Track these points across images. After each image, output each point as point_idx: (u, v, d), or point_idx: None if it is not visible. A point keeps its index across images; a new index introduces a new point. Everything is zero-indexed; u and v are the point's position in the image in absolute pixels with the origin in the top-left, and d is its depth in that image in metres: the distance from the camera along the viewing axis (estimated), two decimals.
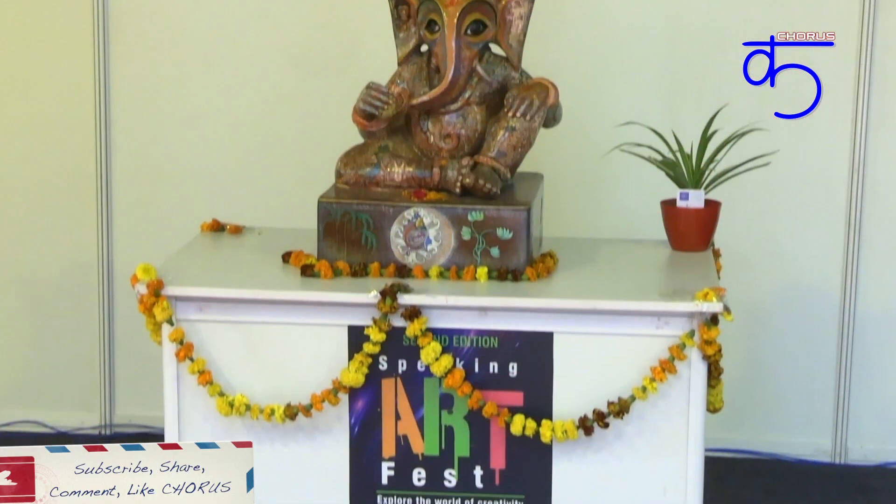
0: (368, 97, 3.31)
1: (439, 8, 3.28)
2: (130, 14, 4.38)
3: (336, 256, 3.27)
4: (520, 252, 3.24)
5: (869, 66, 4.20)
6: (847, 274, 4.29)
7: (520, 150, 3.33)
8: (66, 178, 4.47)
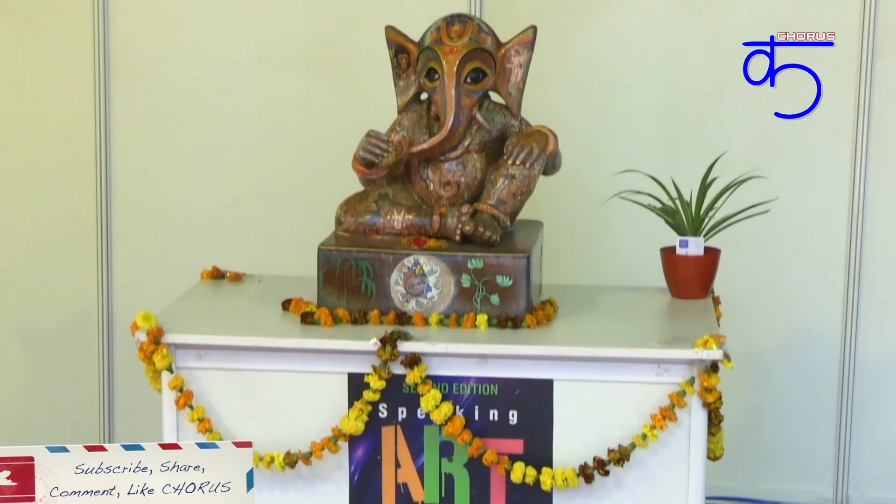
0: (368, 145, 3.32)
1: (439, 56, 3.29)
2: (131, 60, 4.40)
3: (336, 304, 3.27)
4: (519, 299, 3.24)
5: (868, 111, 4.20)
6: (847, 321, 4.29)
7: (519, 197, 3.34)
8: (67, 225, 4.47)
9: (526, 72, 3.39)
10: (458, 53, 3.29)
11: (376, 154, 3.31)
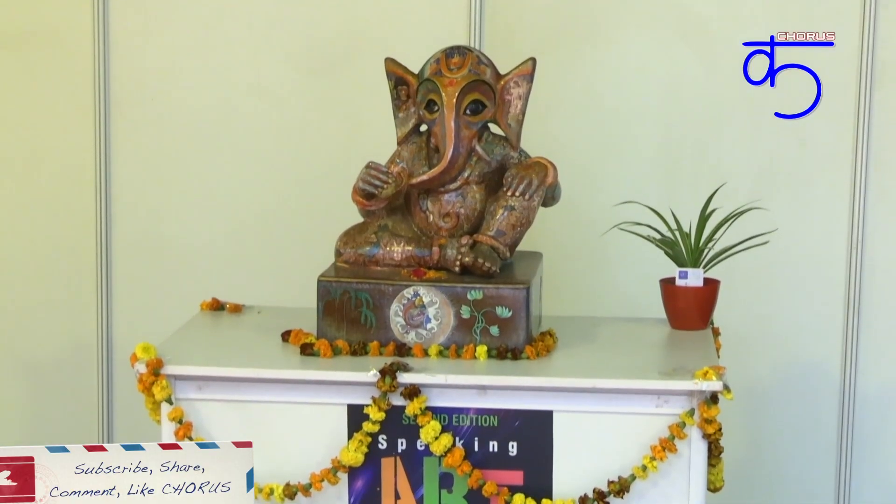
0: (368, 176, 3.32)
1: (438, 88, 3.30)
2: (131, 95, 4.41)
3: (335, 335, 3.27)
4: (519, 330, 3.24)
5: (866, 144, 4.21)
6: (847, 352, 4.29)
7: (519, 228, 3.35)
8: (67, 257, 4.48)
9: (525, 103, 3.40)
10: (458, 85, 3.30)
11: (376, 185, 3.32)
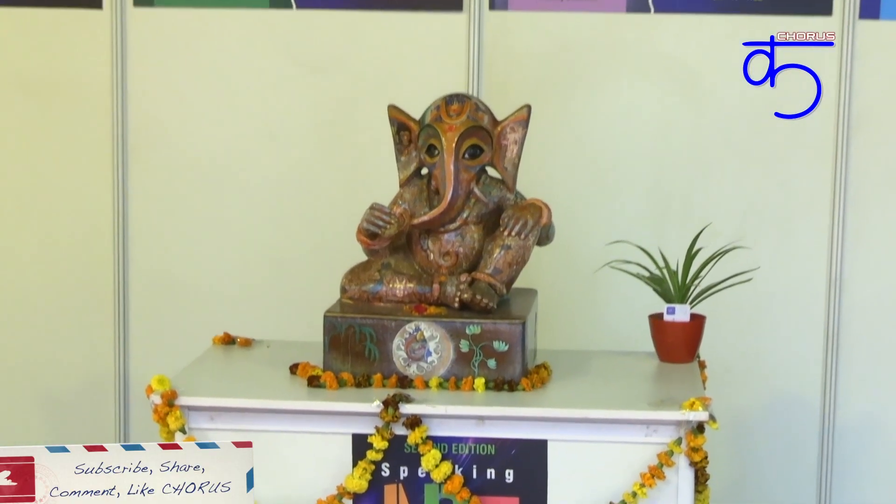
0: (372, 217, 3.33)
1: (439, 134, 3.31)
2: (147, 138, 4.41)
3: (341, 368, 3.27)
4: (515, 363, 3.23)
5: (843, 186, 4.22)
6: (826, 385, 4.28)
7: (515, 267, 3.35)
8: (86, 294, 4.47)
9: (521, 148, 3.41)
10: (457, 131, 3.31)
11: (379, 226, 3.32)
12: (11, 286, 4.50)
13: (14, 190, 4.47)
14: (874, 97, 4.21)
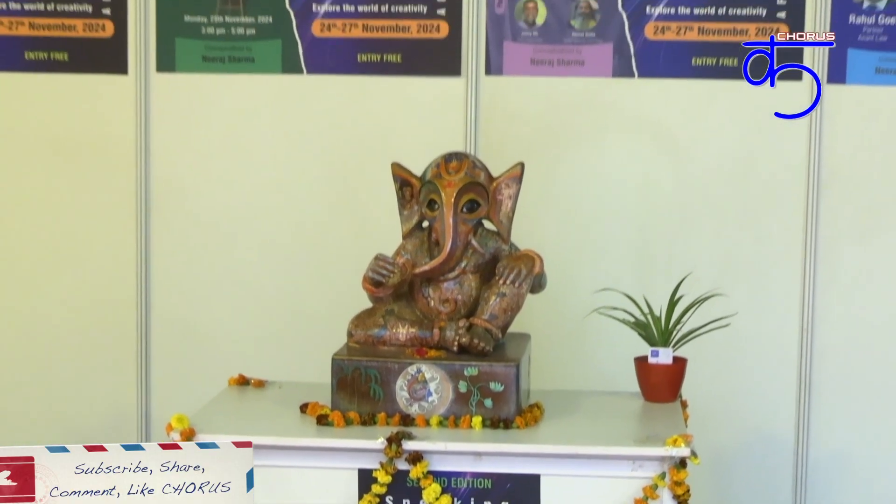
0: (376, 267, 3.33)
1: (439, 189, 3.32)
2: (168, 192, 4.42)
3: (348, 407, 3.26)
4: (510, 403, 3.23)
5: (814, 239, 4.23)
6: (800, 424, 4.27)
7: (510, 313, 3.35)
8: (110, 336, 4.46)
9: (515, 202, 3.41)
10: (456, 187, 3.32)
11: (383, 275, 3.32)
12: (42, 329, 4.49)
13: (46, 240, 4.47)
14: (842, 156, 4.22)
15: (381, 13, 4.30)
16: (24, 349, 4.50)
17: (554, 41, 4.26)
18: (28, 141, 4.44)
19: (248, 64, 4.36)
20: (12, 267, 4.49)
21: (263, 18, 4.35)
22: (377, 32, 4.31)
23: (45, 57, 4.41)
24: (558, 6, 4.25)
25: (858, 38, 4.16)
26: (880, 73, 4.18)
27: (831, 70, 4.17)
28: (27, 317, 4.49)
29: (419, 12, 4.28)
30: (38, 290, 4.49)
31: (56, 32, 4.39)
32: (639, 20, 4.23)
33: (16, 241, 4.48)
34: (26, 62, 4.42)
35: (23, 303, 4.49)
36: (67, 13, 4.38)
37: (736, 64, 4.21)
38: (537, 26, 4.27)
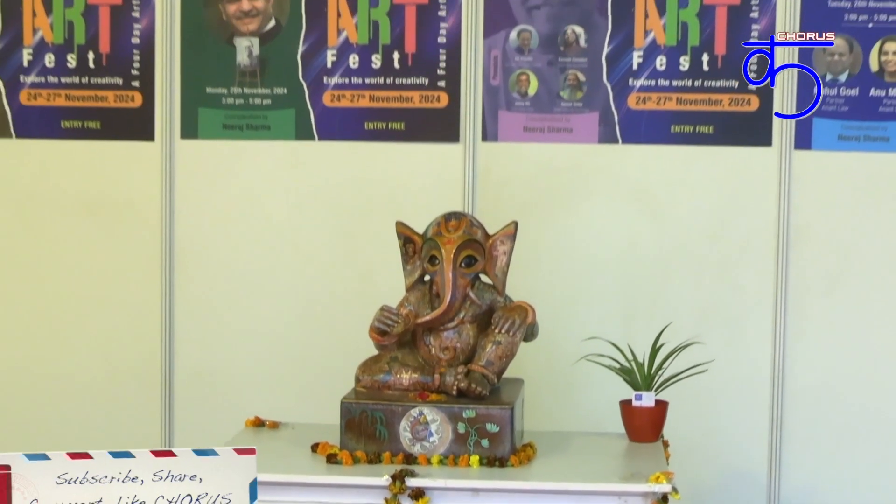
0: (382, 317, 3.33)
1: (439, 246, 3.33)
2: (191, 249, 4.43)
3: (355, 447, 3.25)
4: (505, 443, 3.22)
5: (785, 290, 4.23)
6: (772, 461, 4.25)
7: (505, 359, 3.35)
8: (136, 381, 4.45)
9: (509, 258, 3.42)
10: (455, 244, 3.33)
11: (388, 325, 3.33)
12: (75, 373, 4.48)
13: (78, 293, 4.47)
14: (808, 215, 4.23)
15: (386, 85, 4.32)
16: (58, 393, 4.49)
17: (544, 110, 4.28)
18: (63, 201, 4.46)
19: (265, 131, 4.38)
20: (47, 317, 4.49)
21: (278, 90, 4.37)
22: (382, 102, 4.33)
23: (80, 125, 4.43)
24: (548, 78, 4.28)
25: (822, 108, 4.18)
26: (842, 139, 4.20)
27: (798, 137, 4.19)
28: (61, 364, 4.49)
29: (421, 84, 4.31)
30: (71, 338, 4.48)
31: (90, 103, 4.42)
32: (622, 91, 4.25)
33: (51, 293, 4.48)
34: (62, 130, 4.44)
35: (57, 351, 4.49)
36: (100, 86, 4.41)
37: (711, 131, 4.23)
38: (529, 97, 4.29)
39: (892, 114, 4.17)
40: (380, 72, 4.32)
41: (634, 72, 4.24)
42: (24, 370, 4.49)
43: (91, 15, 4.39)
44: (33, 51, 4.42)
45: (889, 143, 4.18)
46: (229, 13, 4.37)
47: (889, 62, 4.17)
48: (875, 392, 4.24)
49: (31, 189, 4.46)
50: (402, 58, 4.31)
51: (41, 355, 4.49)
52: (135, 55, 4.39)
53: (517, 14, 4.27)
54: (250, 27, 4.36)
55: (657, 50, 4.23)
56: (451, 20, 4.28)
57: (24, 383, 4.50)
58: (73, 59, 4.41)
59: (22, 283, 4.48)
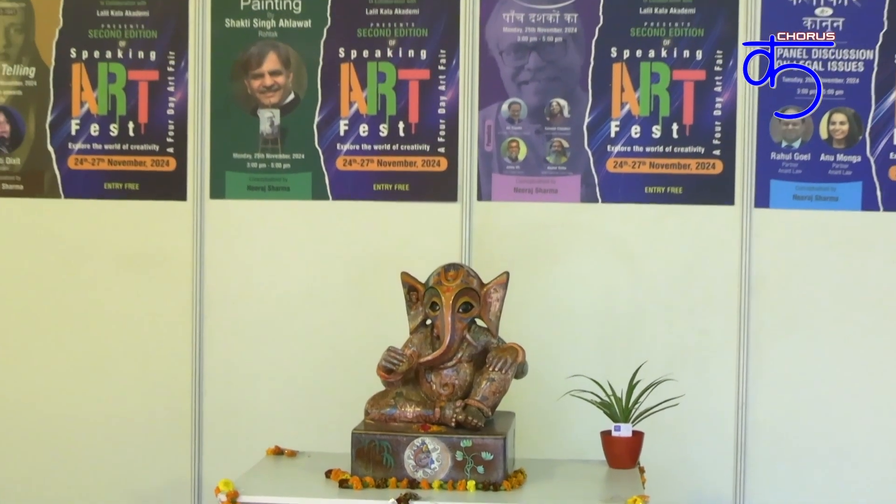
0: (388, 357, 3.34)
1: (439, 294, 3.34)
2: (219, 297, 4.43)
3: (364, 473, 3.25)
4: (499, 469, 3.21)
5: (747, 333, 4.22)
6: (737, 487, 4.23)
7: (498, 395, 3.35)
8: (168, 415, 4.44)
9: (502, 304, 3.43)
10: (453, 291, 3.34)
11: (394, 364, 3.33)
12: (114, 411, 4.47)
13: (116, 337, 4.47)
14: (767, 266, 4.23)
15: (392, 151, 4.35)
16: (98, 427, 4.48)
17: (533, 173, 4.30)
18: (105, 254, 4.47)
19: (285, 192, 4.40)
20: (90, 358, 4.48)
21: (297, 155, 4.39)
22: (389, 166, 4.35)
23: (121, 187, 4.45)
24: (536, 145, 4.30)
25: (779, 171, 4.20)
26: (797, 199, 4.22)
27: (758, 196, 4.21)
28: (103, 399, 4.47)
29: (423, 150, 4.33)
30: (111, 376, 4.47)
31: (129, 167, 4.44)
32: (601, 156, 4.27)
33: (93, 336, 4.48)
34: (105, 191, 4.46)
35: (99, 388, 4.48)
36: (139, 152, 4.44)
37: (681, 192, 4.24)
38: (519, 161, 4.31)
39: (840, 176, 4.19)
40: (387, 139, 4.34)
41: (612, 139, 4.27)
42: (72, 405, 4.48)
43: (131, 89, 4.43)
44: (80, 121, 4.46)
45: (837, 202, 4.19)
46: (253, 88, 4.40)
47: (836, 131, 4.20)
48: (828, 423, 4.22)
49: (76, 243, 4.47)
50: (407, 127, 4.33)
51: (85, 391, 4.48)
52: (169, 125, 4.42)
53: (508, 88, 4.30)
54: (272, 100, 4.40)
55: (632, 120, 4.26)
56: (449, 94, 4.31)
57: (71, 416, 4.48)
58: (115, 129, 4.44)
59: (68, 328, 4.48)
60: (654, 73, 4.23)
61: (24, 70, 4.46)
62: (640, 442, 3.57)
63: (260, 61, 4.38)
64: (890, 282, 4.19)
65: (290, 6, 4.37)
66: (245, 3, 4.38)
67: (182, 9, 4.39)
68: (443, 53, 4.30)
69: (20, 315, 4.50)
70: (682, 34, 4.22)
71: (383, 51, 4.33)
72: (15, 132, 4.48)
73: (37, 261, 4.48)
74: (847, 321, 4.21)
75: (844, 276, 4.21)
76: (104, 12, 4.43)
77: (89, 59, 4.44)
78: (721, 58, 4.20)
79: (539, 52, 4.28)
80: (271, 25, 4.38)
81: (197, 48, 4.39)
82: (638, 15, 4.23)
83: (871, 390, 4.21)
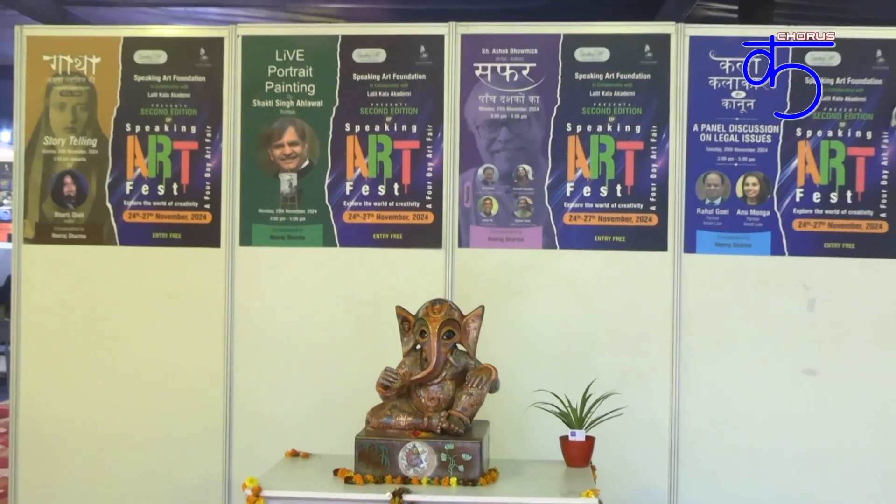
0: (385, 376, 3.35)
1: (427, 323, 3.36)
2: (247, 330, 4.41)
3: (366, 472, 3.25)
4: (476, 468, 3.22)
5: (679, 355, 4.22)
6: (671, 481, 4.20)
7: (476, 406, 3.36)
8: (203, 424, 4.40)
9: (478, 332, 3.45)
10: (439, 321, 3.36)
11: (390, 381, 3.34)
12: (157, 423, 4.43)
13: (161, 362, 4.44)
14: (695, 301, 4.25)
15: (388, 207, 4.37)
16: (146, 436, 4.44)
17: (503, 225, 4.33)
18: (153, 293, 4.46)
19: (301, 241, 4.40)
20: (138, 379, 4.45)
21: (311, 210, 4.41)
22: (386, 219, 4.36)
23: (166, 236, 4.45)
24: (506, 202, 4.33)
25: (703, 223, 4.24)
26: (719, 246, 4.25)
27: (686, 244, 4.24)
28: (149, 413, 4.44)
29: (414, 206, 4.35)
30: (156, 393, 4.44)
31: (173, 220, 4.45)
32: (559, 212, 4.30)
33: (141, 361, 4.45)
34: (153, 240, 4.46)
35: (146, 403, 4.44)
36: (181, 207, 4.45)
37: (624, 240, 4.26)
38: (492, 215, 4.34)
39: (753, 227, 4.23)
40: (384, 197, 4.36)
41: (568, 197, 4.30)
42: (124, 418, 4.44)
43: (175, 157, 4.45)
44: (133, 183, 4.47)
45: (751, 248, 4.23)
46: (275, 155, 4.43)
47: (749, 191, 4.24)
48: (746, 429, 4.23)
49: (129, 283, 4.46)
50: (401, 187, 4.36)
51: (136, 407, 4.45)
52: (206, 186, 4.43)
53: (483, 156, 4.34)
54: (290, 166, 4.42)
55: (584, 182, 4.29)
56: (435, 160, 4.34)
57: (124, 427, 4.44)
58: (161, 189, 4.46)
59: (120, 354, 4.45)
60: (601, 143, 4.28)
61: (87, 141, 4.48)
62: (592, 445, 3.58)
63: (281, 134, 4.41)
64: (794, 313, 4.23)
65: (305, 89, 4.41)
66: (269, 87, 4.42)
67: (217, 92, 4.42)
68: (430, 128, 4.34)
69: (82, 342, 4.47)
70: (624, 112, 4.27)
71: (381, 126, 4.36)
72: (80, 192, 4.49)
73: (97, 297, 4.46)
74: (760, 345, 4.23)
75: (757, 309, 4.24)
76: (154, 94, 4.46)
77: (141, 132, 4.46)
78: (656, 132, 4.25)
79: (508, 126, 4.32)
80: (290, 105, 4.41)
81: (229, 123, 4.41)
82: (588, 97, 4.29)
83: (781, 402, 4.22)
